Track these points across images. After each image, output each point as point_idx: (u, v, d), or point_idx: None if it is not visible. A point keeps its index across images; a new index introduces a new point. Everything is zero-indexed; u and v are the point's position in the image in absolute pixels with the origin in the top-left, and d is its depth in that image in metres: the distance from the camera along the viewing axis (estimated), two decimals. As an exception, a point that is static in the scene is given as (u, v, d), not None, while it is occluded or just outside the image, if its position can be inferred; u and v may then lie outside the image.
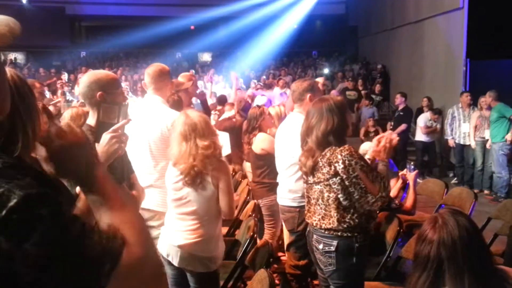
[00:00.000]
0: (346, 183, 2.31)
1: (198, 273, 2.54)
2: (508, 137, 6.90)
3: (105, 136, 1.58)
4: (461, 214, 1.70)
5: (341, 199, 2.36)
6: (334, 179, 2.34)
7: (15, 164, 1.32)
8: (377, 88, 11.61)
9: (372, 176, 2.32)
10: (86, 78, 2.09)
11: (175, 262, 2.58)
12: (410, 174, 3.54)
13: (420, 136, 8.61)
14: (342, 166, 2.30)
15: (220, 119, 6.00)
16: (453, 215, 1.65)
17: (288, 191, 3.17)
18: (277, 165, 3.33)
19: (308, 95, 3.11)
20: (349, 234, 2.40)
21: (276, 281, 3.66)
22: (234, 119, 5.69)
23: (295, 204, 3.11)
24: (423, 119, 8.53)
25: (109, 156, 1.56)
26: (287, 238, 3.41)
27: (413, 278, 1.65)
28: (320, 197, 2.44)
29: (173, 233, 2.59)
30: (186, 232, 2.54)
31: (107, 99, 2.01)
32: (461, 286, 1.55)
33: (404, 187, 3.63)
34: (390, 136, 2.56)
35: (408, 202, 3.45)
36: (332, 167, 2.33)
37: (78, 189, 1.57)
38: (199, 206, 2.52)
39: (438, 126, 8.49)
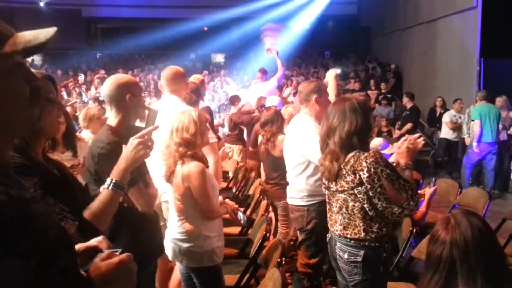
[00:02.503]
0: (370, 193, 2.17)
1: (193, 268, 2.61)
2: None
3: (133, 141, 1.61)
4: (474, 214, 1.67)
5: (367, 209, 2.23)
6: (359, 188, 2.20)
7: (23, 164, 1.38)
8: (383, 86, 11.57)
9: (398, 185, 2.17)
10: (112, 81, 2.16)
11: (170, 256, 2.68)
12: (427, 189, 3.60)
13: (445, 133, 8.55)
14: (367, 174, 2.15)
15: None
16: (466, 215, 1.62)
17: (295, 190, 3.20)
18: (286, 165, 3.37)
19: (314, 97, 3.12)
20: (377, 244, 2.27)
21: (288, 280, 3.70)
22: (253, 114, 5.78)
23: (303, 203, 3.14)
24: (449, 115, 8.51)
25: (134, 160, 1.60)
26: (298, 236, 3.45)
27: (426, 279, 1.64)
28: (344, 206, 2.31)
29: (169, 227, 2.70)
30: (174, 226, 2.63)
31: (134, 102, 2.11)
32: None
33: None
34: (415, 138, 2.42)
35: (419, 214, 3.50)
36: (357, 176, 2.18)
37: (101, 189, 1.64)
38: (176, 203, 2.60)
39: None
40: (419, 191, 3.78)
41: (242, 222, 3.08)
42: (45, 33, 0.87)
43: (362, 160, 2.18)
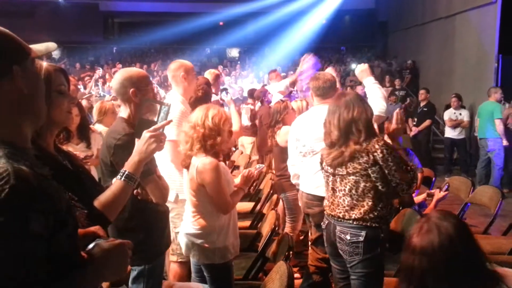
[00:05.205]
0: (386, 171, 2.39)
1: (206, 264, 2.60)
2: None
3: (145, 135, 1.63)
4: (449, 218, 1.54)
5: (380, 187, 2.43)
6: (373, 168, 2.41)
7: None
8: (397, 82, 11.48)
9: (403, 167, 2.41)
10: (118, 75, 2.22)
11: (183, 250, 2.69)
12: (438, 192, 3.66)
13: (448, 132, 8.50)
14: (381, 155, 2.38)
15: None
16: (439, 220, 1.52)
17: (319, 184, 3.05)
18: (310, 159, 3.19)
19: (329, 90, 3.12)
20: (376, 225, 2.47)
21: (298, 275, 3.73)
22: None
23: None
24: (448, 113, 8.46)
25: (147, 154, 1.62)
26: (312, 231, 3.43)
27: None
28: (354, 188, 2.47)
29: (184, 221, 2.71)
30: (189, 221, 2.62)
31: (138, 96, 2.15)
32: None
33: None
34: (398, 119, 2.70)
35: (427, 212, 3.56)
36: (371, 156, 2.39)
37: (113, 180, 1.68)
38: (191, 198, 2.59)
39: (465, 119, 8.29)
40: (430, 191, 3.88)
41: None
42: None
43: (374, 143, 2.41)
